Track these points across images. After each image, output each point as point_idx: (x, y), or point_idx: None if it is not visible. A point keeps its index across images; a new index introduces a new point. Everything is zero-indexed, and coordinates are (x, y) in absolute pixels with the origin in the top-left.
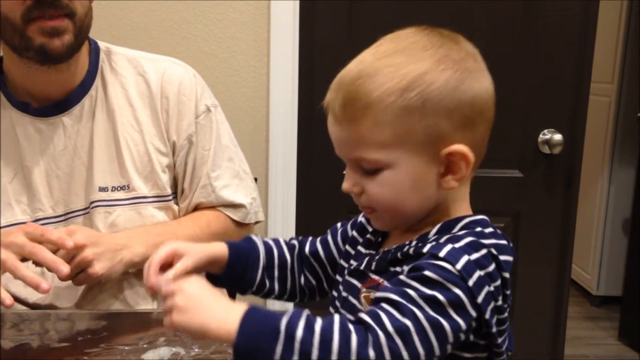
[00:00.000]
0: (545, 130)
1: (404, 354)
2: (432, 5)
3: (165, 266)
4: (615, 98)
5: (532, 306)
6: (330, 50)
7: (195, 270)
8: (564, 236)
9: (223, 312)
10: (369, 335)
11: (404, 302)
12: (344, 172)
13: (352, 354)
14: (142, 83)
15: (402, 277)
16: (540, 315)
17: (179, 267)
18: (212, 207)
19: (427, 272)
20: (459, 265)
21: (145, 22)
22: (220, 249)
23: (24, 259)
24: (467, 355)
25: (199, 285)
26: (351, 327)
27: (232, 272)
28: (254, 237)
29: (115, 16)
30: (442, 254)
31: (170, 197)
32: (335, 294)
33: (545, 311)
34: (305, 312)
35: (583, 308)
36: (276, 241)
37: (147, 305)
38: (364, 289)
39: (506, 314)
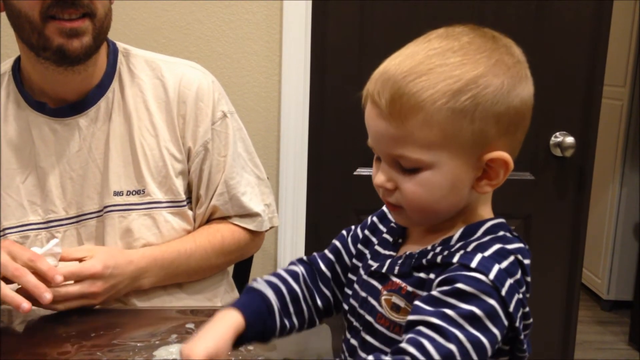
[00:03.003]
0: (557, 133)
1: None
2: (443, 6)
3: None
4: (628, 102)
5: (542, 309)
6: (342, 51)
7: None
8: (574, 240)
9: None
10: None
11: (445, 325)
12: (374, 165)
13: None
14: (160, 87)
15: (435, 293)
16: (550, 319)
17: None
18: (227, 217)
19: (461, 285)
20: (491, 275)
21: (158, 23)
22: (236, 321)
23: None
24: None
25: None
26: None
27: (254, 332)
28: (257, 285)
29: (128, 16)
30: (473, 264)
31: (185, 203)
32: (349, 291)
33: (556, 315)
34: None
35: (593, 312)
36: (279, 276)
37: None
38: (384, 292)
39: (531, 319)
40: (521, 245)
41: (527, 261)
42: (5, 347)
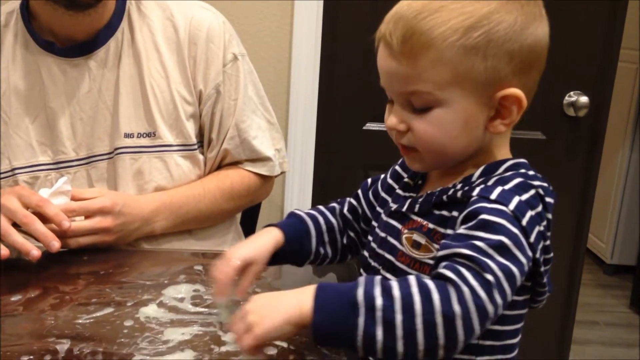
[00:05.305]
0: (572, 92)
1: (489, 307)
2: None
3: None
4: None
5: None
6: (356, 4)
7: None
8: (582, 202)
9: (293, 298)
10: (451, 291)
11: (477, 255)
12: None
13: (436, 313)
14: (170, 27)
15: (461, 230)
16: (553, 280)
17: (251, 277)
18: (238, 162)
19: (485, 216)
20: (511, 206)
21: None
22: (276, 236)
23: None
24: (517, 298)
25: (261, 297)
26: (430, 284)
27: (291, 250)
28: (298, 212)
29: None
30: (493, 196)
31: (196, 147)
32: (370, 237)
33: (559, 276)
34: (378, 279)
35: (596, 276)
36: (317, 209)
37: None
38: (405, 230)
39: (552, 254)
40: (544, 184)
41: (549, 199)
42: (14, 281)
